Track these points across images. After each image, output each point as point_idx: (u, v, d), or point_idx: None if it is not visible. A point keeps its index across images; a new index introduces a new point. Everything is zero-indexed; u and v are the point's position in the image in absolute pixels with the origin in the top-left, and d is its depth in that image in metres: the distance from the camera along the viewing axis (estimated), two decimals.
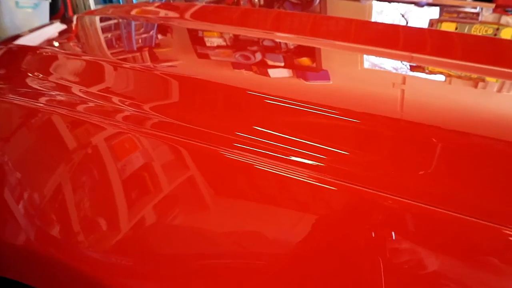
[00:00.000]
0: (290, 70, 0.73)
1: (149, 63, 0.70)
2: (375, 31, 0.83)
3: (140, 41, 0.81)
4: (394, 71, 0.70)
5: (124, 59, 0.70)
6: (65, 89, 0.61)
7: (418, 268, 0.36)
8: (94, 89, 0.60)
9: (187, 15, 0.95)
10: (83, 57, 0.70)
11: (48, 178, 0.52)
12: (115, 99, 0.57)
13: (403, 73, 0.68)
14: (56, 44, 0.77)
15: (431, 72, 0.68)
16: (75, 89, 0.60)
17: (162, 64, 0.71)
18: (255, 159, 0.44)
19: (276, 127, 0.48)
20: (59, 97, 0.59)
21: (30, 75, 0.66)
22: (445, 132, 0.45)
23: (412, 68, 0.68)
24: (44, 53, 0.71)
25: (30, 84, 0.63)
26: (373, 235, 0.38)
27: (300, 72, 0.72)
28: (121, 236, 0.45)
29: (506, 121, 0.48)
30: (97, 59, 0.68)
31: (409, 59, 0.71)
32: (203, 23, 0.90)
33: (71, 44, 0.78)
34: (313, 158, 0.44)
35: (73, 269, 0.47)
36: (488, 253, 0.35)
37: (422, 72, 0.68)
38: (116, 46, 0.78)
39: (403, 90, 0.60)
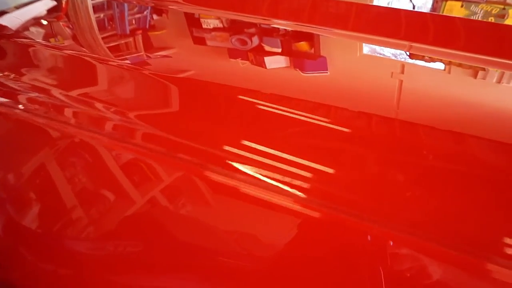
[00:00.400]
0: (286, 60, 0.71)
1: (138, 57, 0.66)
2: (375, 16, 0.81)
3: (133, 22, 0.78)
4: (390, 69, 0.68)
5: (113, 50, 0.66)
6: (41, 91, 0.55)
7: None
8: (74, 93, 0.54)
9: None
10: (65, 52, 0.64)
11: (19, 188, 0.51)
12: (97, 104, 0.51)
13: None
14: (40, 30, 0.73)
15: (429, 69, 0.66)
16: (54, 91, 0.55)
17: (151, 58, 0.67)
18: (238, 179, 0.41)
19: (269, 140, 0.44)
20: (34, 99, 0.54)
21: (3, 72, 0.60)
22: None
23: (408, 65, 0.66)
24: (21, 45, 0.66)
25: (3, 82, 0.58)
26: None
27: (297, 62, 0.70)
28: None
29: None
30: (79, 54, 0.63)
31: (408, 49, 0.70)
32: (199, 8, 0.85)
33: (56, 28, 0.75)
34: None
35: None
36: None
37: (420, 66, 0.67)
38: (106, 32, 0.74)
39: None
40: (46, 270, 0.47)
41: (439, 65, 0.68)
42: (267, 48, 0.74)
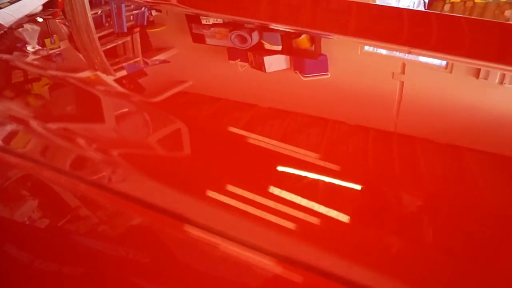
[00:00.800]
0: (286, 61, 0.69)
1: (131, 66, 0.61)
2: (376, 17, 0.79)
3: (131, 19, 0.75)
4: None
5: (109, 54, 0.63)
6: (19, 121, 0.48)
7: None
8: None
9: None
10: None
11: None
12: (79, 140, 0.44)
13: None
14: (34, 28, 0.70)
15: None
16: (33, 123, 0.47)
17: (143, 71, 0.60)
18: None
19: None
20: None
21: None
22: None
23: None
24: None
25: None
26: None
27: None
28: None
29: None
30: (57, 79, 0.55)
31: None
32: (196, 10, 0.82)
33: (53, 26, 0.71)
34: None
35: None
36: None
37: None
38: (103, 30, 0.71)
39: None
40: None
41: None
42: (267, 46, 0.73)
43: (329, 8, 0.79)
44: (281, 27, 0.76)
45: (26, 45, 0.63)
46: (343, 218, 0.35)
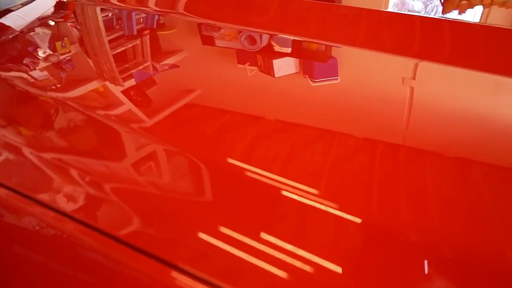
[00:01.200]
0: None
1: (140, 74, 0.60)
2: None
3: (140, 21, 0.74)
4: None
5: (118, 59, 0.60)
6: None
7: None
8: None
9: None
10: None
11: None
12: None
13: None
14: (45, 32, 0.69)
15: None
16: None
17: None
18: None
19: None
20: None
21: None
22: None
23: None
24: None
25: None
26: None
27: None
28: None
29: None
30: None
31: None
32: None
33: (63, 30, 0.71)
34: None
35: None
36: None
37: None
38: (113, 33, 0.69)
39: None
40: None
41: None
42: (276, 48, 0.73)
43: (338, 17, 0.76)
44: (290, 37, 0.74)
45: (38, 49, 0.64)
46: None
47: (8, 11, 0.72)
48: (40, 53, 0.62)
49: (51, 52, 0.62)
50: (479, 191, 0.39)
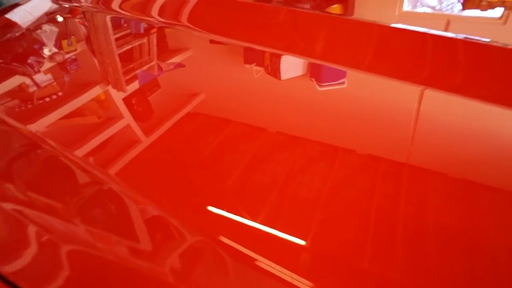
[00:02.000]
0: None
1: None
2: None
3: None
4: None
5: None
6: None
7: None
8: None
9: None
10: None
11: None
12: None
13: None
14: (53, 29, 0.68)
15: None
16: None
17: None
18: None
19: None
20: None
21: None
22: None
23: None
24: None
25: None
26: None
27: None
28: None
29: None
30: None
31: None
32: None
33: (71, 26, 0.70)
34: None
35: None
36: None
37: None
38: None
39: None
40: None
41: None
42: None
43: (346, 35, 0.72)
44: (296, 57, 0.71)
45: (43, 47, 0.63)
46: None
47: (16, 5, 0.72)
48: (46, 51, 0.61)
49: (56, 50, 0.62)
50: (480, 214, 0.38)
